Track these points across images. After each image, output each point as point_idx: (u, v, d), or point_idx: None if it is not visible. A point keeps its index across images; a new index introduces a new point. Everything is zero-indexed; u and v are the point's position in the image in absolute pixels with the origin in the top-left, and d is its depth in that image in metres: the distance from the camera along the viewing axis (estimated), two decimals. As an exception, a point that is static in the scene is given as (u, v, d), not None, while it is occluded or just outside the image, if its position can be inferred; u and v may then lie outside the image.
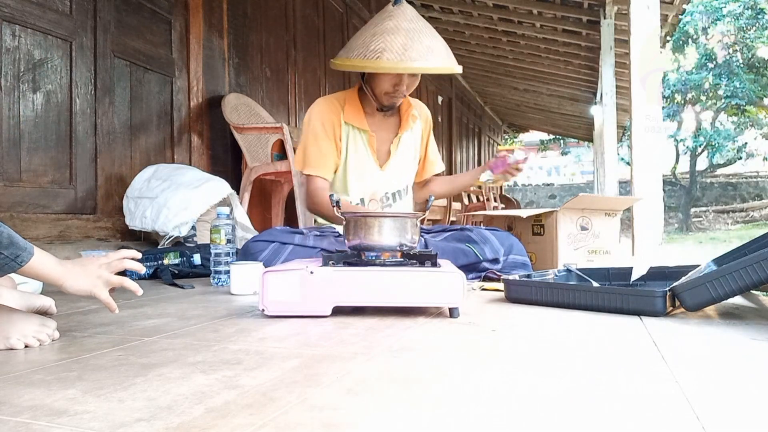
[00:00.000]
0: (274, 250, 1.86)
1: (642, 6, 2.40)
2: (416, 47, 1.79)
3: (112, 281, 1.10)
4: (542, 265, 2.24)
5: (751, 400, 0.72)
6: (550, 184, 22.18)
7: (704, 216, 15.83)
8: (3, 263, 0.97)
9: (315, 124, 1.98)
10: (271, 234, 1.95)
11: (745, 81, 13.52)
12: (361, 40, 1.87)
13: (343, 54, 1.93)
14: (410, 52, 1.78)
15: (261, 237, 1.96)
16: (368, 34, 1.87)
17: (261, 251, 1.86)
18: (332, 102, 2.02)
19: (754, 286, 1.24)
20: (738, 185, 17.06)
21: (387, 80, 1.90)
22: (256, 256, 1.85)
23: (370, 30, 1.88)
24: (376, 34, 1.83)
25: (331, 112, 1.99)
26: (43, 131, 2.50)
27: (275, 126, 3.26)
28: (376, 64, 1.80)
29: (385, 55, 1.78)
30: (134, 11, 3.00)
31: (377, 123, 2.05)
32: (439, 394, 0.74)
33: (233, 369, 0.86)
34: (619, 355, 0.95)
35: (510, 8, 6.02)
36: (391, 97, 1.94)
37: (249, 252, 1.89)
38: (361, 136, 2.02)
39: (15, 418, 0.66)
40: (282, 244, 1.88)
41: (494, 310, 1.40)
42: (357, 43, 1.88)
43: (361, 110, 2.02)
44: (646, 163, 2.34)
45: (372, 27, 1.89)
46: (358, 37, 1.90)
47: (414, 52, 1.78)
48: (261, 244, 1.89)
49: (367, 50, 1.81)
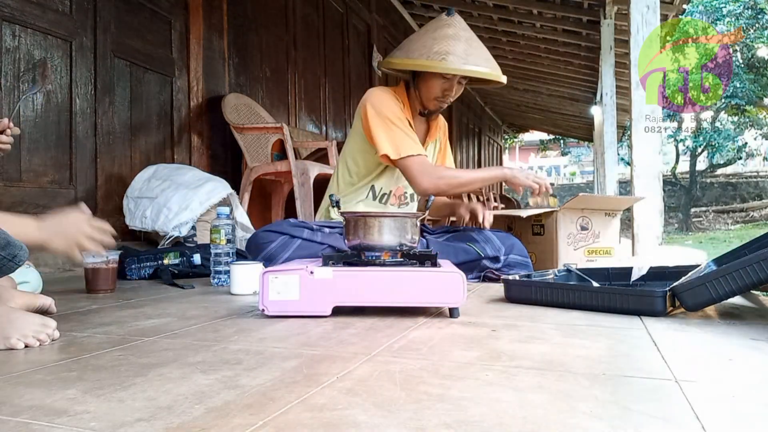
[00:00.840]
0: (282, 243, 1.86)
1: (642, 6, 2.40)
2: (477, 53, 1.89)
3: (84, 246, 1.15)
4: (542, 265, 2.24)
5: (751, 400, 0.72)
6: (550, 184, 22.17)
7: (704, 216, 15.84)
8: (2, 264, 0.97)
9: (393, 110, 1.93)
10: (281, 226, 1.94)
11: (745, 81, 13.53)
12: (421, 42, 1.91)
13: (400, 54, 1.95)
14: (472, 58, 1.86)
15: (271, 227, 1.95)
16: (428, 38, 1.91)
17: (270, 242, 1.87)
18: (393, 94, 2.00)
19: (754, 286, 1.24)
20: (738, 185, 17.06)
21: (439, 85, 1.93)
22: (264, 247, 1.85)
23: (429, 35, 1.92)
24: (437, 38, 1.88)
25: (399, 103, 1.98)
26: (43, 131, 2.50)
27: (275, 126, 3.26)
28: (441, 65, 1.84)
29: (450, 58, 1.83)
30: (134, 11, 3.00)
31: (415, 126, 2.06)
32: (439, 394, 0.74)
33: (233, 369, 0.86)
34: (619, 355, 0.95)
35: (510, 8, 6.02)
36: (440, 102, 1.98)
37: (258, 241, 1.89)
38: None
39: (15, 418, 0.66)
40: (291, 238, 1.87)
41: (494, 310, 1.40)
42: (417, 45, 1.91)
43: (409, 110, 2.04)
44: (646, 163, 2.34)
45: (431, 32, 1.93)
46: (415, 41, 1.94)
47: (476, 58, 1.87)
48: (271, 235, 1.89)
49: (431, 52, 1.86)
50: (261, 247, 1.86)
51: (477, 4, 6.17)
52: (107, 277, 1.75)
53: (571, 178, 25.84)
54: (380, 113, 1.91)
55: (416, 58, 1.88)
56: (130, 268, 2.12)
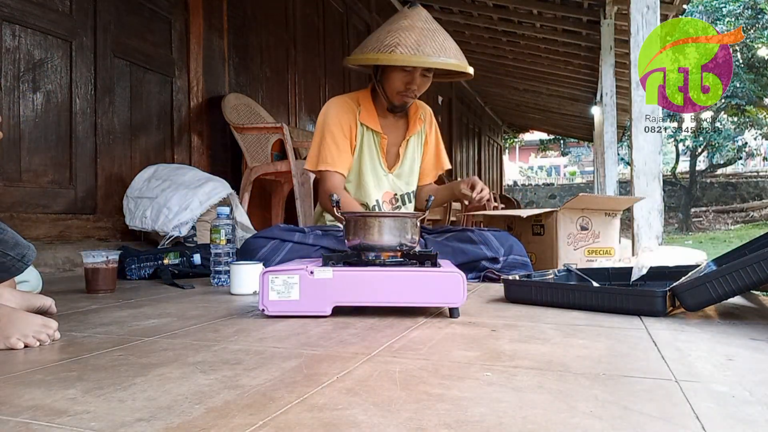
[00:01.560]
0: (273, 248, 1.87)
1: (642, 6, 2.40)
2: (430, 44, 1.81)
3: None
4: (542, 265, 2.24)
5: (751, 400, 0.72)
6: (550, 184, 22.18)
7: (704, 216, 15.84)
8: (11, 264, 0.97)
9: (331, 123, 1.97)
10: (271, 232, 1.95)
11: (745, 81, 13.53)
12: (376, 36, 1.89)
13: (357, 51, 1.94)
14: (423, 48, 1.80)
15: (261, 234, 1.97)
16: (383, 31, 1.89)
17: (260, 248, 1.87)
18: (347, 102, 2.02)
19: (754, 286, 1.24)
20: (738, 185, 17.06)
21: (399, 78, 1.91)
22: (255, 253, 1.86)
23: (386, 28, 1.90)
24: (391, 31, 1.86)
25: (347, 112, 1.99)
26: (43, 131, 2.50)
27: (275, 126, 3.26)
28: (389, 57, 1.82)
29: (399, 49, 1.80)
30: (134, 11, 3.00)
31: (388, 125, 2.06)
32: (439, 394, 0.74)
33: (233, 369, 0.86)
34: (619, 355, 0.95)
35: (510, 8, 6.02)
36: (403, 96, 1.95)
37: (248, 249, 1.90)
38: (374, 138, 2.03)
39: (15, 418, 0.66)
40: (282, 242, 1.88)
41: (494, 310, 1.40)
42: (372, 40, 1.90)
43: (374, 112, 2.03)
44: (646, 163, 2.34)
45: (387, 25, 1.91)
46: (374, 35, 1.92)
47: (427, 48, 1.80)
48: (260, 241, 1.90)
49: (381, 45, 1.83)
50: (252, 253, 1.86)
51: (477, 4, 6.17)
52: (107, 277, 1.75)
53: (571, 178, 25.85)
54: (320, 126, 1.98)
55: (368, 52, 1.86)
56: (130, 268, 2.12)
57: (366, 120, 2.00)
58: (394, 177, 2.09)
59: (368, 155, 2.02)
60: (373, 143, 2.03)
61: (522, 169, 29.96)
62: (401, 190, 2.12)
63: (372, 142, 2.03)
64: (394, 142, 2.09)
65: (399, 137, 2.09)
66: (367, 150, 2.02)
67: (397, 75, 1.90)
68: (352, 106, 2.00)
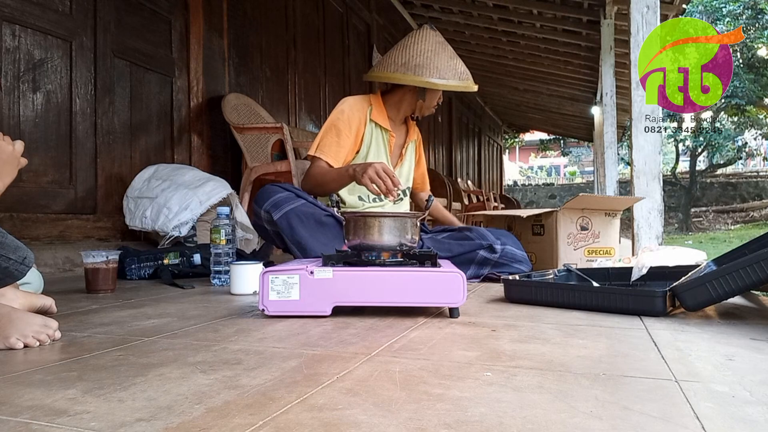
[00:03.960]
0: (288, 196, 1.90)
1: (642, 6, 2.40)
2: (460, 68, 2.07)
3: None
4: (542, 265, 2.24)
5: (751, 400, 0.72)
6: (550, 184, 22.18)
7: (704, 216, 15.83)
8: (14, 269, 0.97)
9: (340, 119, 2.05)
10: (288, 185, 2.00)
11: (745, 81, 13.53)
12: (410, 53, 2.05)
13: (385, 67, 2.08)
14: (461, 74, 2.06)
15: (277, 184, 2.01)
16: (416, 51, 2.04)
17: (278, 192, 1.91)
18: (360, 101, 2.14)
19: (754, 286, 1.24)
20: (738, 185, 17.06)
21: (433, 97, 2.14)
22: (272, 194, 1.88)
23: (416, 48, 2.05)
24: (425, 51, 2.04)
25: (360, 110, 2.10)
26: (43, 131, 2.50)
27: (275, 126, 3.26)
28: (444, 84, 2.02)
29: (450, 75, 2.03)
30: (134, 11, 3.00)
31: (394, 127, 2.20)
32: (439, 394, 0.74)
33: (233, 369, 0.86)
34: (619, 355, 0.95)
35: (510, 8, 6.02)
36: (432, 110, 2.19)
37: (266, 191, 1.93)
38: (383, 135, 2.14)
39: (15, 418, 0.66)
40: (297, 196, 1.92)
41: (494, 310, 1.40)
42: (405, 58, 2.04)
43: (384, 112, 2.15)
44: (646, 163, 2.34)
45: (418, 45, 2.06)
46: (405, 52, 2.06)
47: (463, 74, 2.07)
48: (278, 188, 1.94)
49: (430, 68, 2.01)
50: (269, 194, 1.90)
51: (477, 4, 6.16)
52: (107, 277, 1.75)
53: (571, 178, 25.86)
54: (331, 118, 2.08)
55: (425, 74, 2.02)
56: (130, 268, 2.12)
57: (377, 118, 2.12)
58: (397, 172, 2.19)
59: (376, 149, 2.12)
60: (381, 139, 2.14)
61: (522, 169, 29.97)
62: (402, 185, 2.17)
63: (381, 138, 2.14)
64: (399, 143, 2.23)
65: (402, 139, 2.25)
66: (375, 145, 2.13)
67: (434, 95, 2.13)
68: (364, 106, 2.12)
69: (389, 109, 2.17)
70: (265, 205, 1.88)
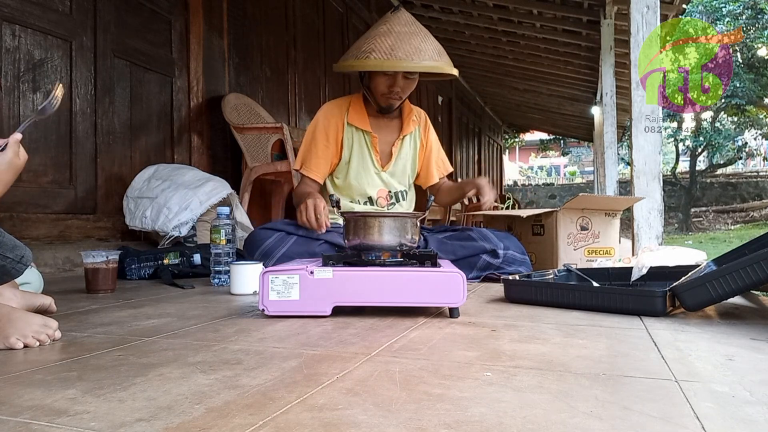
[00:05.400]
0: (278, 239, 1.91)
1: (642, 6, 2.40)
2: (404, 48, 1.85)
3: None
4: (542, 265, 2.24)
5: (751, 400, 0.72)
6: (550, 184, 22.18)
7: (704, 216, 15.83)
8: (11, 267, 0.97)
9: (317, 129, 2.05)
10: (276, 224, 2.00)
11: (745, 81, 13.53)
12: (357, 43, 1.96)
13: (342, 58, 2.01)
14: (397, 52, 1.84)
15: (266, 226, 2.01)
16: (363, 38, 1.96)
17: (266, 239, 1.91)
18: (337, 105, 2.09)
19: (754, 286, 1.24)
20: (738, 185, 17.06)
21: (382, 82, 1.96)
22: (260, 243, 1.89)
23: (366, 34, 1.97)
24: (369, 37, 1.92)
25: (335, 116, 2.06)
26: (43, 131, 2.50)
27: (275, 126, 3.26)
28: (363, 63, 1.88)
29: (373, 55, 1.86)
30: (134, 11, 3.00)
31: (381, 125, 2.10)
32: (439, 394, 0.74)
33: (233, 369, 0.86)
34: (619, 355, 0.95)
35: (510, 8, 6.01)
36: (388, 98, 1.99)
37: (254, 239, 1.93)
38: (364, 137, 2.07)
39: (15, 418, 0.66)
40: (287, 234, 1.92)
41: (494, 310, 1.40)
42: (353, 46, 1.97)
43: (364, 113, 2.08)
44: (646, 163, 2.33)
45: (369, 31, 1.98)
46: (357, 41, 1.99)
47: (401, 52, 1.84)
48: (267, 232, 1.94)
49: (359, 51, 1.90)
50: (258, 243, 1.91)
51: (477, 4, 6.16)
52: (107, 277, 1.75)
53: (571, 178, 25.86)
54: (309, 130, 2.07)
55: (347, 58, 1.94)
56: (130, 268, 2.12)
57: (354, 121, 2.05)
58: (388, 175, 2.12)
59: (359, 154, 2.07)
60: (364, 142, 2.07)
61: (522, 169, 29.96)
62: (395, 188, 2.15)
63: (363, 141, 2.07)
64: (387, 141, 2.11)
65: (392, 136, 2.12)
66: (358, 149, 2.07)
67: (380, 79, 1.96)
68: (341, 110, 2.07)
69: (370, 108, 2.08)
70: (255, 256, 1.89)
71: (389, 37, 1.87)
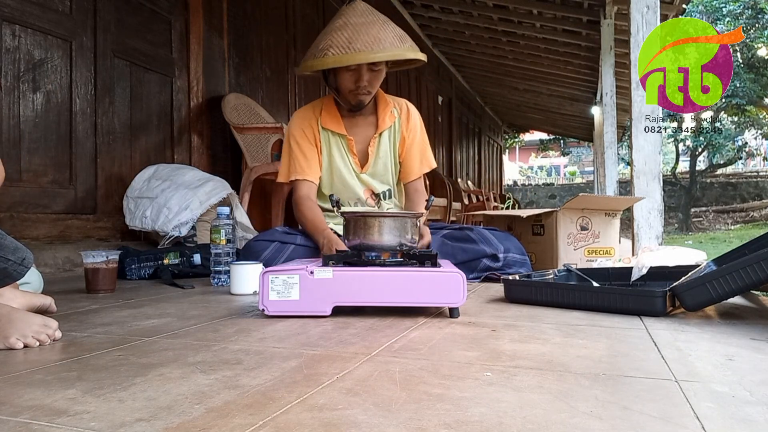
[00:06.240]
0: (275, 249, 1.88)
1: (642, 6, 2.40)
2: (362, 39, 1.75)
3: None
4: (542, 265, 2.24)
5: (751, 400, 0.72)
6: (550, 184, 22.19)
7: (704, 216, 15.83)
8: (12, 269, 0.97)
9: (295, 135, 1.98)
10: (273, 234, 1.96)
11: (745, 81, 13.53)
12: (315, 41, 1.87)
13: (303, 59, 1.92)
14: (355, 44, 1.74)
15: (263, 237, 1.97)
16: (321, 35, 1.86)
17: (263, 250, 1.88)
18: (308, 111, 2.02)
19: (754, 286, 1.24)
20: (738, 185, 17.06)
21: (346, 78, 1.86)
22: (257, 255, 1.86)
23: (323, 31, 1.87)
24: (326, 33, 1.83)
25: (307, 120, 1.98)
26: (43, 131, 2.50)
27: (275, 126, 3.26)
28: (322, 62, 1.78)
29: (330, 51, 1.76)
30: (134, 11, 3.00)
31: (356, 124, 2.01)
32: (439, 394, 0.74)
33: (233, 369, 0.86)
34: (619, 355, 0.95)
35: (510, 8, 6.02)
36: (356, 94, 1.89)
37: (251, 251, 1.90)
38: (340, 141, 2.00)
39: (15, 418, 0.66)
40: (283, 244, 1.89)
41: (494, 310, 1.40)
42: (312, 46, 1.87)
43: (337, 115, 1.99)
44: (646, 163, 2.34)
45: (325, 28, 1.88)
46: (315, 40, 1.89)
47: (359, 44, 1.74)
48: (263, 244, 1.91)
49: (317, 50, 1.81)
50: (254, 255, 1.87)
51: (477, 4, 6.16)
52: (107, 277, 1.75)
53: (571, 178, 25.86)
54: (286, 140, 2.01)
55: (307, 59, 1.84)
56: (130, 268, 2.12)
57: (328, 124, 1.97)
58: (368, 177, 2.03)
59: (339, 158, 2.00)
60: (341, 146, 2.00)
61: (522, 169, 29.97)
62: (377, 189, 2.06)
63: (339, 144, 2.00)
64: (363, 141, 2.01)
65: (368, 135, 2.01)
66: (337, 153, 2.00)
67: (344, 75, 1.85)
68: (313, 115, 1.99)
69: (343, 109, 1.99)
70: None
71: (346, 30, 1.77)
